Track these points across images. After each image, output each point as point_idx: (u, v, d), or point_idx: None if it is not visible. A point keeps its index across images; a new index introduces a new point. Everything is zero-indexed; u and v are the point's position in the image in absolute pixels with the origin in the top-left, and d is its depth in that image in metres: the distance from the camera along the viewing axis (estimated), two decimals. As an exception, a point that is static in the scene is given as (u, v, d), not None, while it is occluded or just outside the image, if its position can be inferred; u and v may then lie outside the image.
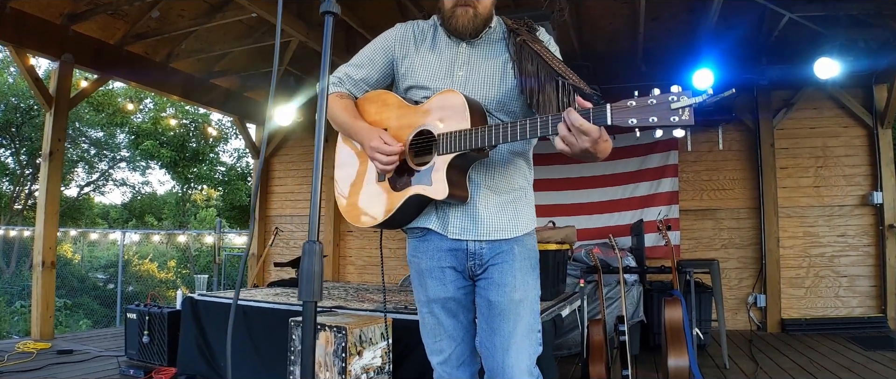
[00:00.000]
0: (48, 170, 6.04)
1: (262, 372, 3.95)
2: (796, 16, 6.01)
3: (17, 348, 5.41)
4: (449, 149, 1.85)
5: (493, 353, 1.95)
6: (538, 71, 1.85)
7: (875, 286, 6.85)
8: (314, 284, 1.36)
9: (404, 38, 2.10)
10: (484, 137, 1.78)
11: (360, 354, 2.93)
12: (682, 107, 1.51)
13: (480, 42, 2.05)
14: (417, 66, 2.05)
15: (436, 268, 2.02)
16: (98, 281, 17.15)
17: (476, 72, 2.01)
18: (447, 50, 2.05)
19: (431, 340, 2.08)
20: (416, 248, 2.08)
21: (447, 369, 2.05)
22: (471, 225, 1.97)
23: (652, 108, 1.55)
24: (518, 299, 1.96)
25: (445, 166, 1.86)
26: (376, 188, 2.02)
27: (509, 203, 2.01)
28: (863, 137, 7.02)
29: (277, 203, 9.38)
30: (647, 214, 7.00)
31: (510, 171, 2.03)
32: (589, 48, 7.17)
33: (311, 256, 1.39)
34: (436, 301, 2.04)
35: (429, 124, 1.92)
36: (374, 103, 2.09)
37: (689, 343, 3.75)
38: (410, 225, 2.04)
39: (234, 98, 8.56)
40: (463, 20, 1.97)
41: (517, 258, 1.98)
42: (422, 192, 1.90)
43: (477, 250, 1.98)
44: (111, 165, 19.74)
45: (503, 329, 1.94)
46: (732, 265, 7.20)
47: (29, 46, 5.90)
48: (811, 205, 7.06)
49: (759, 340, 6.33)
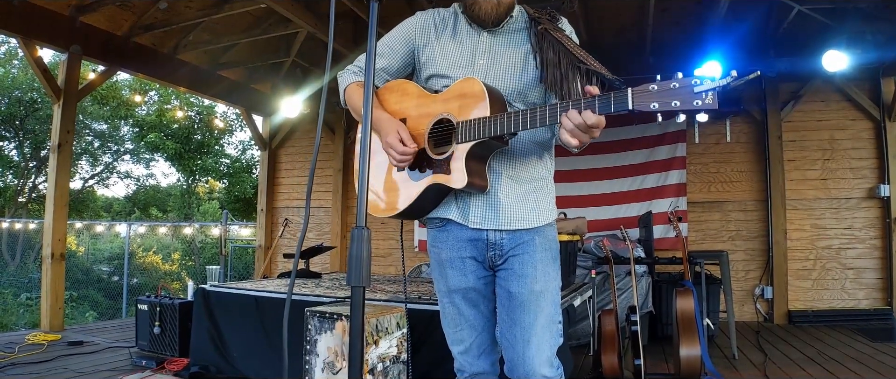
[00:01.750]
0: (57, 162, 6.04)
1: (274, 361, 3.98)
2: (805, 8, 6.02)
3: (27, 340, 5.43)
4: (468, 137, 1.82)
5: (514, 344, 1.94)
6: (560, 59, 1.84)
7: (882, 279, 6.85)
8: (363, 270, 1.34)
9: (425, 26, 2.08)
10: (503, 124, 1.76)
11: (376, 344, 2.94)
12: (706, 90, 1.50)
13: (502, 31, 2.01)
14: (438, 55, 2.03)
15: (456, 258, 2.01)
16: (102, 273, 17.20)
17: (497, 61, 1.99)
18: (468, 38, 2.03)
19: (452, 329, 2.07)
20: (435, 238, 2.07)
21: (468, 359, 2.05)
22: (492, 214, 1.95)
23: (675, 91, 1.54)
24: (539, 291, 1.94)
25: (465, 155, 1.83)
26: (396, 178, 2.01)
27: (531, 193, 1.99)
28: (870, 130, 7.02)
29: (284, 194, 9.40)
30: (655, 206, 7.01)
31: (532, 161, 2.01)
32: (597, 40, 7.17)
33: (359, 241, 1.38)
34: (456, 291, 2.03)
35: (448, 113, 1.89)
36: (395, 93, 2.07)
37: (701, 334, 3.76)
38: (430, 215, 2.03)
39: (240, 90, 8.55)
40: (486, 7, 1.94)
41: (538, 249, 1.97)
42: (440, 181, 1.88)
43: (497, 240, 1.96)
44: (115, 158, 19.76)
45: (524, 320, 1.93)
46: (740, 257, 7.21)
47: (38, 38, 5.89)
48: (818, 197, 7.06)
49: (767, 331, 6.35)
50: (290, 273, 5.42)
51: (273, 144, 9.43)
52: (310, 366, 3.10)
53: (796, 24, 6.41)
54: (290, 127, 9.30)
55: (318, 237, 8.80)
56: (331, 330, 3.02)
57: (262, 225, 9.27)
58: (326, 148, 9.11)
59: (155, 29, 6.72)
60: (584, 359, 4.65)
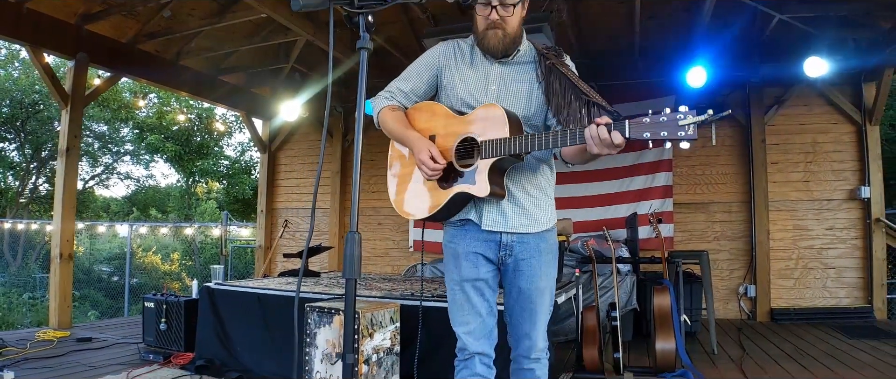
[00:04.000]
0: (65, 165, 6.25)
1: (275, 354, 4.20)
2: (786, 17, 6.23)
3: (37, 337, 5.64)
4: (490, 154, 2.16)
5: (521, 324, 2.39)
6: (565, 91, 2.22)
7: (862, 278, 7.09)
8: (355, 266, 1.63)
9: (447, 54, 2.44)
10: (521, 145, 2.10)
11: (371, 336, 3.18)
12: (688, 124, 1.81)
13: (512, 62, 2.37)
14: (457, 81, 2.38)
15: (470, 253, 2.35)
16: (102, 273, 17.40)
17: (507, 89, 2.34)
18: (482, 67, 2.38)
19: (459, 313, 2.38)
20: (454, 235, 2.41)
21: (471, 339, 2.36)
22: (502, 219, 2.31)
23: (663, 124, 1.85)
24: (542, 287, 2.37)
25: (487, 169, 2.17)
26: (425, 187, 2.36)
27: (535, 202, 2.36)
28: (852, 134, 7.25)
29: (283, 196, 9.63)
30: (641, 208, 7.23)
31: (536, 176, 2.38)
32: (587, 47, 7.40)
33: (351, 243, 1.66)
34: (467, 280, 2.35)
35: (472, 133, 2.23)
36: (424, 112, 2.41)
37: (677, 328, 3.99)
38: (455, 217, 2.38)
39: (240, 94, 8.79)
40: (493, 41, 2.27)
41: (543, 253, 2.37)
42: (466, 190, 2.23)
43: (509, 243, 2.33)
44: (115, 159, 19.97)
45: (529, 309, 2.37)
46: (724, 257, 7.46)
47: (45, 46, 6.11)
48: (800, 199, 7.30)
49: (749, 328, 6.59)
50: (290, 272, 5.67)
51: (272, 147, 9.66)
52: (309, 357, 3.33)
53: (779, 31, 6.62)
54: (290, 130, 9.54)
55: (317, 238, 9.04)
56: (329, 324, 3.25)
57: (262, 226, 9.49)
58: (324, 151, 9.33)
59: (158, 36, 6.95)
60: (568, 354, 4.88)
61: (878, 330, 6.23)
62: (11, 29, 5.76)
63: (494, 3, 2.22)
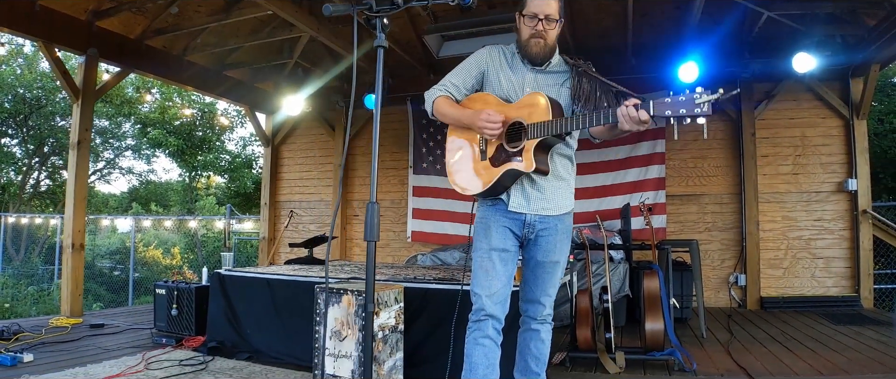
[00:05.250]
0: (76, 158, 6.44)
1: (284, 336, 4.42)
2: (775, 14, 6.44)
3: (51, 323, 5.85)
4: (536, 134, 2.54)
5: (534, 290, 2.83)
6: (595, 86, 2.65)
7: (849, 267, 7.30)
8: (375, 230, 1.96)
9: (492, 56, 2.84)
10: (562, 126, 2.47)
11: (377, 315, 3.39)
12: (703, 102, 2.17)
13: (546, 71, 2.76)
14: (501, 80, 2.79)
15: (501, 226, 2.73)
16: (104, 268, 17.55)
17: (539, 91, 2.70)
18: (520, 72, 2.78)
19: (484, 277, 2.71)
20: (486, 212, 2.79)
21: (490, 302, 2.68)
22: (525, 202, 2.71)
23: (682, 102, 2.20)
24: (555, 261, 2.79)
25: (533, 148, 2.55)
26: (480, 165, 2.74)
27: (555, 189, 2.75)
28: (839, 128, 7.45)
29: (286, 189, 9.85)
30: (635, 199, 7.42)
31: (557, 167, 2.74)
32: (582, 44, 7.61)
33: (372, 211, 2.00)
34: (495, 249, 2.72)
35: (520, 117, 2.61)
36: (477, 102, 2.79)
37: (666, 311, 4.21)
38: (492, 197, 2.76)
39: (244, 89, 9.00)
40: (535, 48, 2.69)
41: (560, 232, 2.78)
42: (514, 166, 2.61)
43: (532, 222, 2.73)
44: (116, 154, 20.13)
45: (545, 278, 2.81)
46: (715, 247, 7.68)
47: (57, 41, 6.31)
48: (790, 191, 7.52)
49: (739, 315, 6.81)
50: (297, 260, 5.88)
51: (275, 141, 9.87)
52: (319, 335, 3.54)
53: (768, 28, 6.82)
54: (292, 124, 9.75)
55: (320, 229, 9.25)
56: (338, 303, 3.47)
57: (266, 218, 9.71)
58: (327, 144, 9.57)
59: (166, 32, 7.15)
60: (562, 337, 5.10)
61: (864, 317, 6.45)
62: (25, 25, 5.96)
63: (541, 17, 2.62)
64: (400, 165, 9.03)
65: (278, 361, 4.40)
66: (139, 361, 4.33)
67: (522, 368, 2.91)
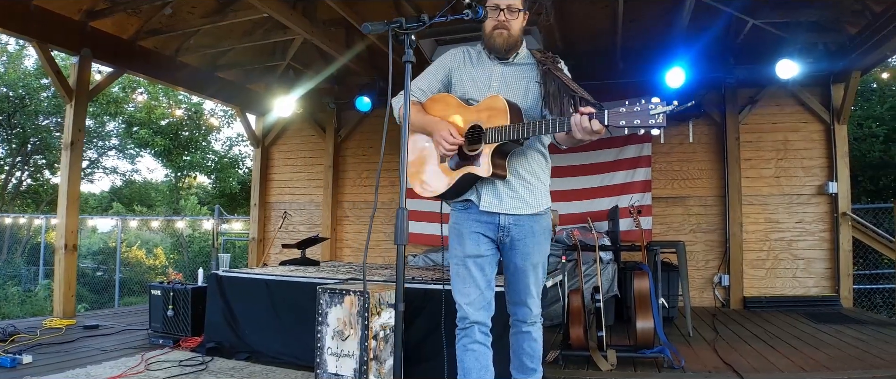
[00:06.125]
0: (69, 159, 6.43)
1: (282, 336, 4.49)
2: (760, 22, 6.61)
3: (45, 325, 5.86)
4: (494, 139, 2.52)
5: (519, 293, 2.78)
6: (559, 90, 2.58)
7: (829, 268, 7.50)
8: (404, 234, 2.06)
9: (457, 58, 2.86)
10: (519, 131, 2.47)
11: (378, 314, 3.49)
12: (658, 113, 2.16)
13: (511, 64, 2.77)
14: (466, 79, 2.79)
15: (473, 232, 2.71)
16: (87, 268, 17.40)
17: (508, 87, 2.74)
18: (487, 67, 2.79)
19: (461, 285, 2.73)
20: (458, 217, 2.78)
21: (471, 310, 2.70)
22: (497, 201, 2.67)
23: (637, 113, 2.21)
24: (535, 262, 2.76)
25: (491, 152, 2.54)
26: (438, 168, 2.72)
27: (527, 186, 2.71)
28: (821, 132, 7.66)
29: (276, 190, 9.89)
30: (622, 201, 7.55)
31: (530, 163, 2.73)
32: (571, 47, 7.74)
33: (401, 217, 2.11)
34: (470, 257, 2.71)
35: (479, 120, 2.60)
36: (439, 103, 2.79)
37: (655, 310, 4.35)
38: (461, 197, 2.74)
39: (236, 90, 9.04)
40: (499, 40, 2.69)
41: (537, 233, 2.73)
42: (472, 171, 2.59)
43: (506, 224, 2.69)
44: (101, 154, 19.98)
45: (524, 282, 2.76)
46: (700, 248, 7.85)
47: (51, 41, 6.29)
48: (772, 193, 7.71)
49: (723, 315, 6.98)
50: (291, 261, 5.95)
51: (266, 142, 9.91)
52: (321, 335, 3.63)
53: (753, 35, 7.00)
54: (283, 125, 9.80)
55: (311, 230, 9.31)
56: (340, 303, 3.56)
57: (256, 219, 9.74)
58: (317, 146, 9.63)
59: (160, 33, 7.17)
60: (555, 336, 5.22)
61: (844, 316, 6.63)
62: (20, 25, 5.96)
63: (502, 7, 2.64)
64: (392, 167, 9.10)
65: (277, 360, 4.46)
66: (139, 361, 4.39)
67: (518, 365, 2.93)
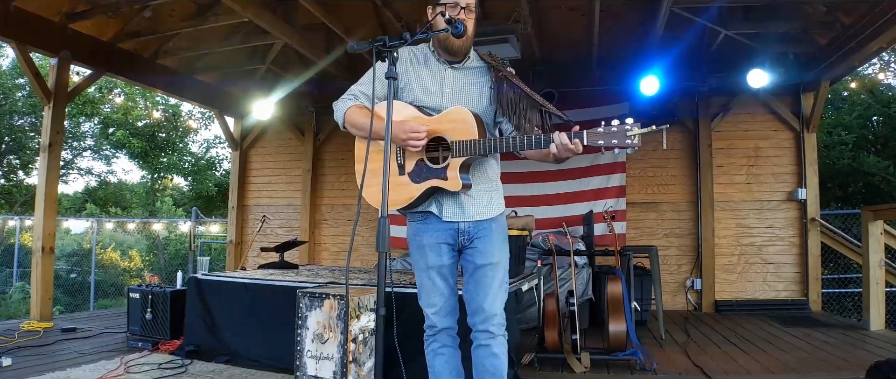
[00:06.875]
0: (47, 161, 6.40)
1: (262, 339, 4.54)
2: (732, 33, 6.78)
3: (22, 327, 5.83)
4: (462, 153, 2.48)
5: (477, 298, 2.67)
6: (520, 99, 2.54)
7: (798, 272, 7.71)
8: (386, 241, 2.13)
9: (404, 59, 2.73)
10: (491, 146, 2.46)
11: (358, 318, 3.56)
12: (634, 134, 2.22)
13: (462, 67, 2.70)
14: (414, 82, 2.69)
15: (435, 244, 2.69)
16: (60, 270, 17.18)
17: (460, 91, 2.67)
18: (438, 70, 2.70)
19: (427, 296, 2.74)
20: (417, 229, 2.73)
21: (438, 317, 2.73)
22: (459, 211, 2.65)
23: (614, 134, 2.25)
24: (495, 262, 2.68)
25: (458, 166, 2.50)
26: (397, 180, 2.63)
27: (486, 192, 2.70)
28: (791, 140, 7.87)
29: (254, 193, 9.90)
30: (598, 206, 7.73)
31: (486, 170, 2.71)
32: (549, 56, 7.88)
33: (383, 224, 2.16)
34: (433, 268, 2.70)
35: (443, 132, 2.54)
36: (394, 111, 2.61)
37: (628, 313, 4.47)
38: (418, 209, 2.69)
39: (214, 92, 9.06)
40: (458, 44, 2.62)
41: (494, 233, 2.70)
42: (438, 184, 2.55)
43: (465, 229, 2.66)
44: (75, 154, 19.77)
45: (485, 283, 2.67)
46: (673, 252, 8.02)
47: (31, 43, 6.27)
48: (743, 199, 7.90)
49: (695, 318, 7.14)
50: (270, 264, 5.99)
51: (244, 145, 9.91)
52: (301, 338, 3.69)
53: (725, 45, 7.16)
54: (261, 128, 9.81)
55: (289, 233, 9.34)
56: (320, 307, 3.63)
57: (233, 222, 9.74)
58: (296, 149, 9.66)
59: (139, 36, 7.17)
60: (531, 339, 5.32)
61: (813, 320, 6.82)
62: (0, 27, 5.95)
63: (462, 6, 2.58)
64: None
65: (256, 363, 4.51)
66: (118, 364, 4.41)
67: None
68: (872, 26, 5.87)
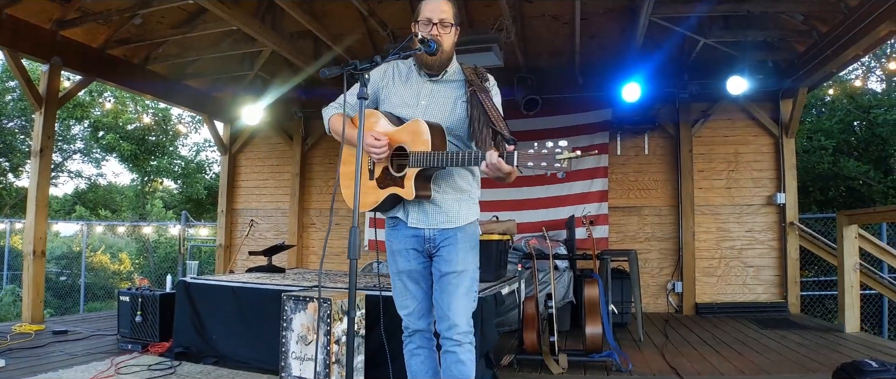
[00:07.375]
0: (39, 166, 6.49)
1: (249, 341, 4.65)
2: (711, 41, 6.96)
3: (14, 330, 5.92)
4: (416, 164, 2.59)
5: (442, 305, 2.73)
6: (479, 116, 2.64)
7: (778, 275, 7.88)
8: (357, 249, 2.23)
9: (386, 74, 2.87)
10: (439, 160, 2.53)
11: (340, 320, 3.68)
12: (563, 159, 2.22)
13: (441, 80, 2.79)
14: (393, 95, 2.82)
15: (404, 249, 2.80)
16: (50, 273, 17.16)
17: (435, 103, 2.76)
18: (416, 83, 2.81)
19: (400, 299, 2.86)
20: (390, 234, 2.85)
21: (411, 319, 2.84)
22: (424, 218, 2.75)
23: (543, 157, 2.25)
24: (461, 270, 2.72)
25: (414, 176, 2.61)
26: (368, 184, 2.78)
27: (454, 202, 2.76)
28: (770, 145, 8.04)
29: (243, 197, 10.00)
30: (580, 211, 7.89)
31: (456, 180, 2.78)
32: (533, 63, 8.04)
33: (354, 233, 2.25)
34: (403, 272, 2.82)
35: (404, 142, 2.64)
36: (370, 119, 2.79)
37: (605, 316, 4.61)
38: (388, 214, 2.84)
39: (204, 98, 9.17)
40: (431, 61, 2.71)
41: (460, 241, 2.74)
42: (396, 192, 2.67)
43: (431, 236, 2.75)
44: (65, 157, 19.78)
45: (448, 290, 2.72)
46: (654, 256, 8.18)
47: (22, 50, 6.35)
48: (723, 204, 8.07)
49: (675, 320, 7.29)
50: (258, 268, 6.09)
51: (233, 149, 10.01)
52: (286, 339, 3.82)
53: (705, 52, 7.34)
54: (250, 133, 9.91)
55: (278, 237, 9.44)
56: (304, 310, 3.75)
57: (223, 225, 9.83)
58: (284, 153, 9.77)
59: (129, 43, 7.28)
60: (511, 341, 5.45)
61: (791, 322, 6.98)
62: (-10, 34, 6.04)
63: (435, 22, 2.67)
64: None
65: (244, 365, 4.62)
66: (109, 366, 4.52)
67: None
68: (848, 34, 6.01)
